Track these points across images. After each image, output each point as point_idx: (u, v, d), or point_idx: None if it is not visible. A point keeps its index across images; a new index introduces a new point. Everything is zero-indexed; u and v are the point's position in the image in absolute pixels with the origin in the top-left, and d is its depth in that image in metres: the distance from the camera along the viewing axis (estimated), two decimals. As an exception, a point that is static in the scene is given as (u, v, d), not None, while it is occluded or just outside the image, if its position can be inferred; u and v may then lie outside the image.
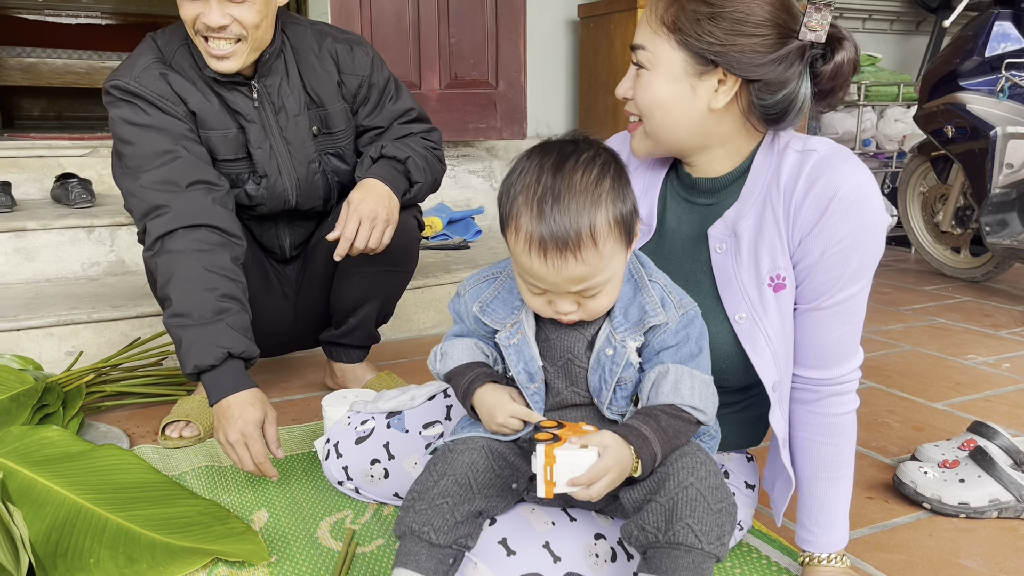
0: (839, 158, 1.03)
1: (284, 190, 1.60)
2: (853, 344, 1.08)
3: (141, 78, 1.46)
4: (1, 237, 2.26)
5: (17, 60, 5.28)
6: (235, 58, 1.45)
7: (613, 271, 0.95)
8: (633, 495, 0.96)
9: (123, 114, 1.45)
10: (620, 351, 0.98)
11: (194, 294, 1.36)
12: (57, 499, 1.33)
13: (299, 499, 1.41)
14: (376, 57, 1.67)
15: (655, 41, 1.03)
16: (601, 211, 0.91)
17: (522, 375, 1.02)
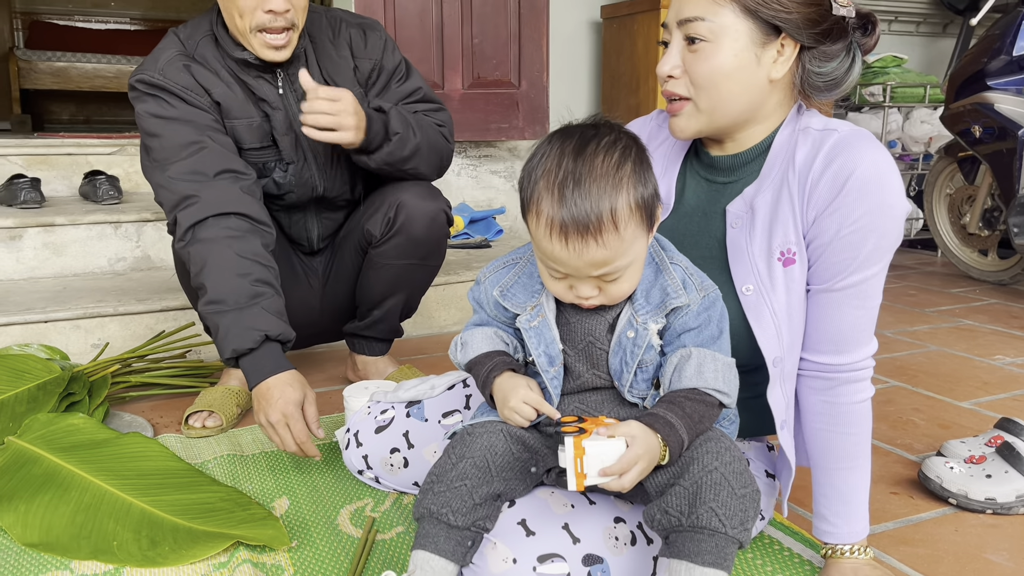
0: (859, 138, 1.03)
1: (311, 176, 1.61)
2: (867, 330, 1.06)
3: (165, 71, 1.48)
4: (31, 232, 2.30)
5: (47, 64, 5.38)
6: (288, 47, 1.49)
7: (634, 255, 0.95)
8: (657, 480, 0.96)
9: (149, 108, 1.47)
10: (642, 333, 0.97)
11: (228, 280, 1.38)
12: (82, 484, 1.34)
13: (320, 488, 1.41)
14: (388, 40, 1.68)
15: (716, 11, 1.02)
16: (622, 195, 0.91)
17: (542, 358, 1.02)
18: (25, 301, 2.07)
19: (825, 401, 1.08)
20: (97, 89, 5.47)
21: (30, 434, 1.47)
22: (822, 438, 1.09)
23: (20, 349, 1.77)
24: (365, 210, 1.71)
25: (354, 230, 1.73)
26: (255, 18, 1.45)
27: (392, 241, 1.65)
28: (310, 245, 1.78)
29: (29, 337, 1.96)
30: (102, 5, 6.33)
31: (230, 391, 1.73)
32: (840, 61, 1.07)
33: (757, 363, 1.08)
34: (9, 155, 2.63)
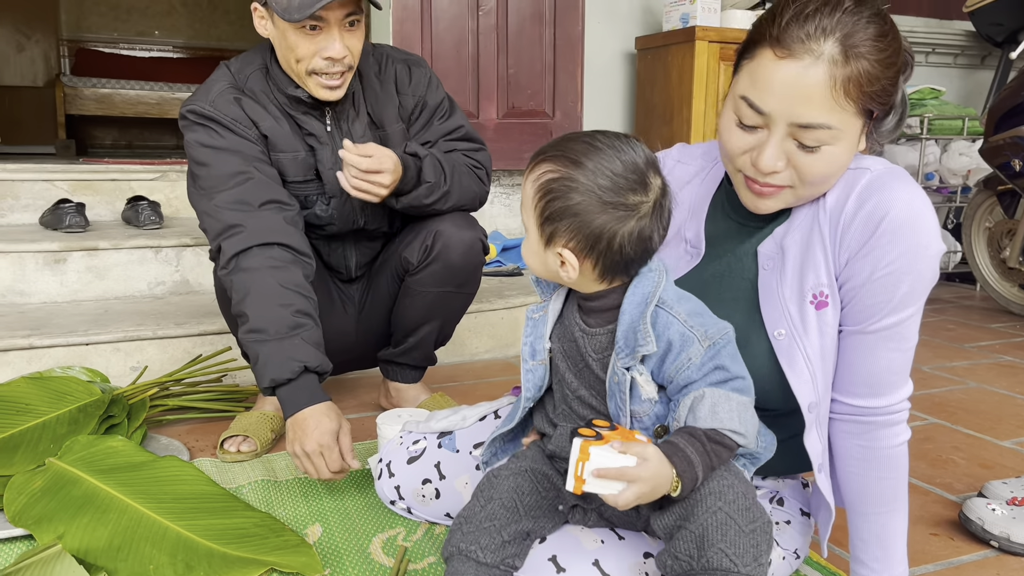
0: (892, 178, 1.00)
1: (352, 211, 1.64)
2: (902, 372, 1.04)
3: (216, 103, 1.52)
4: (75, 255, 2.35)
5: (92, 91, 5.52)
6: (343, 87, 1.54)
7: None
8: (664, 521, 0.94)
9: (198, 137, 1.51)
10: (623, 379, 0.96)
11: (270, 310, 1.40)
12: (120, 506, 1.36)
13: (352, 515, 1.42)
14: (433, 77, 1.72)
15: (839, 116, 0.95)
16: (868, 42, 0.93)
17: (526, 348, 1.05)
18: (68, 323, 2.11)
19: (861, 446, 1.06)
20: (140, 115, 5.61)
21: (70, 456, 1.50)
22: (858, 482, 1.07)
23: (62, 371, 1.81)
24: (402, 238, 1.73)
25: (391, 258, 1.75)
26: (312, 63, 1.49)
27: (429, 269, 1.67)
28: (348, 273, 1.80)
29: (71, 359, 2.01)
30: (146, 34, 6.51)
31: (265, 416, 1.75)
32: (894, 111, 1.04)
33: (791, 407, 1.05)
34: (55, 180, 2.70)
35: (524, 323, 1.07)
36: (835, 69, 0.93)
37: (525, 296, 2.55)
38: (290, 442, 1.39)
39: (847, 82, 0.93)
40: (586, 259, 0.95)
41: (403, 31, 2.85)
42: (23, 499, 1.38)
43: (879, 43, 0.94)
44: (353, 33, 1.51)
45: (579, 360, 1.02)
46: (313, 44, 1.47)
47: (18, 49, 5.84)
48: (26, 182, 2.68)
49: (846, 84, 0.93)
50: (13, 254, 2.31)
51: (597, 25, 3.34)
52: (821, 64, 0.93)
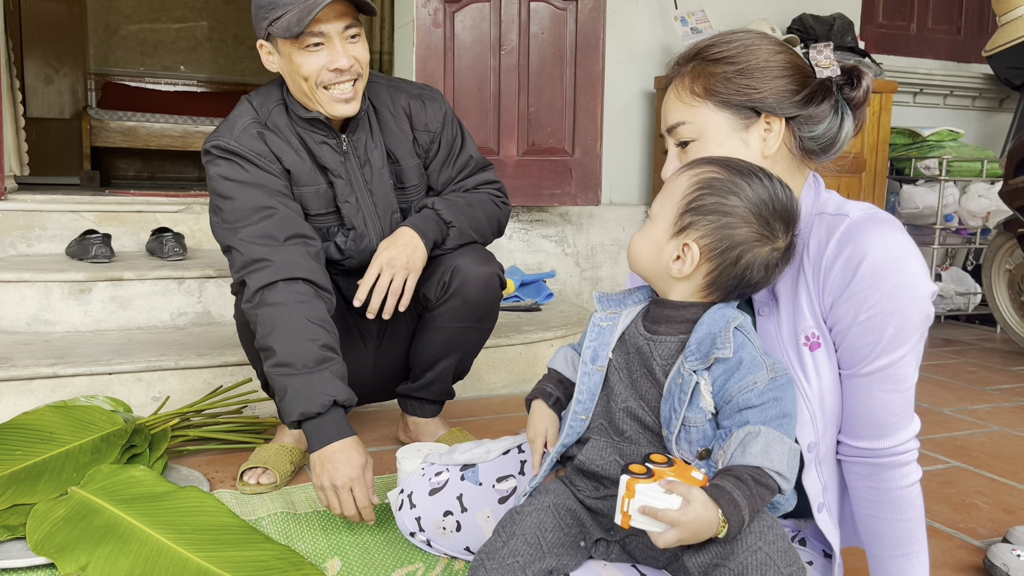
0: (870, 223, 1.02)
1: (370, 242, 1.66)
2: (903, 413, 1.04)
3: (240, 138, 1.55)
4: (100, 285, 2.38)
5: (118, 123, 5.62)
6: (355, 99, 1.56)
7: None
8: (699, 559, 0.94)
9: (223, 171, 1.53)
10: (687, 381, 0.98)
11: (297, 344, 1.42)
12: (141, 536, 1.37)
13: (371, 549, 1.42)
14: (448, 112, 1.75)
15: (693, 113, 1.09)
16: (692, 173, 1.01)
17: (588, 351, 1.08)
18: (91, 353, 2.14)
19: (871, 487, 1.06)
20: (164, 148, 5.69)
21: (93, 485, 1.51)
22: (872, 524, 1.07)
23: (86, 400, 1.82)
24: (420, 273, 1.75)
25: None
26: (320, 78, 1.52)
27: (447, 304, 1.68)
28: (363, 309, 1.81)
29: (94, 388, 2.02)
30: (172, 69, 6.63)
31: (284, 448, 1.75)
32: (830, 121, 1.10)
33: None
34: (82, 211, 2.75)
35: (588, 329, 1.10)
36: (685, 74, 1.11)
37: (543, 331, 2.55)
38: (317, 475, 1.40)
39: (692, 82, 1.10)
40: (707, 262, 1.01)
41: (426, 68, 2.90)
42: (46, 527, 1.39)
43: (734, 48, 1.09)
44: (356, 44, 1.54)
45: (639, 368, 1.04)
46: (318, 60, 1.51)
47: (47, 82, 5.97)
48: (54, 212, 2.72)
49: (691, 84, 1.09)
50: (40, 283, 2.34)
51: (617, 65, 3.39)
52: (677, 78, 1.13)
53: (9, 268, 2.39)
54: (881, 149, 3.40)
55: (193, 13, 6.58)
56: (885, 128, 3.39)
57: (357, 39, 1.53)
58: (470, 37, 2.95)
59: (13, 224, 2.65)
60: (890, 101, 3.41)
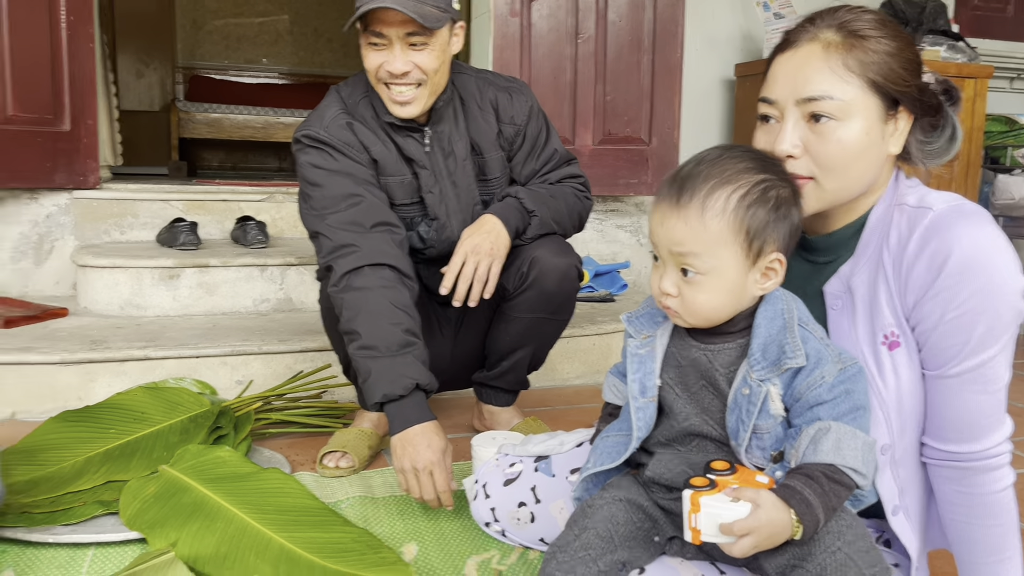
0: (956, 216, 0.97)
1: (451, 232, 1.67)
2: (995, 414, 0.99)
3: (329, 128, 1.58)
4: (188, 272, 2.47)
5: (204, 115, 5.80)
6: (416, 103, 1.56)
7: (717, 263, 0.95)
8: (777, 561, 0.92)
9: (312, 160, 1.57)
10: (756, 391, 0.95)
11: (381, 328, 1.44)
12: (227, 515, 1.41)
13: (447, 536, 1.43)
14: (534, 106, 1.74)
15: (843, 88, 0.98)
16: (730, 189, 0.94)
17: (635, 385, 1.04)
18: (180, 337, 2.22)
19: (960, 491, 1.01)
20: (246, 139, 5.86)
21: (182, 464, 1.57)
22: (962, 530, 1.02)
23: (175, 383, 1.89)
24: None
25: None
26: (379, 75, 1.54)
27: (524, 295, 1.69)
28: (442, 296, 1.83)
29: (182, 371, 2.10)
30: (254, 62, 6.81)
31: (363, 433, 1.79)
32: (943, 131, 1.06)
33: None
34: (171, 200, 2.85)
35: (628, 359, 1.06)
36: (832, 43, 0.99)
37: (617, 323, 2.53)
38: (398, 458, 1.42)
39: (845, 54, 0.98)
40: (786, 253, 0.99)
41: (503, 58, 2.90)
42: (137, 504, 1.45)
43: (878, 28, 1.00)
44: (420, 51, 1.53)
45: (698, 380, 1.01)
46: (377, 58, 1.52)
47: (138, 76, 6.20)
48: (145, 201, 2.83)
49: (844, 56, 0.98)
50: (132, 269, 2.44)
51: (696, 52, 3.32)
52: (818, 42, 1.00)
53: (104, 254, 2.49)
54: (975, 137, 3.24)
55: (275, 7, 6.75)
56: (980, 115, 3.23)
57: (422, 47, 1.52)
58: (547, 26, 2.93)
59: (108, 212, 2.76)
60: (985, 87, 3.25)
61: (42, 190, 2.67)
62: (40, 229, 2.70)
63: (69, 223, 2.73)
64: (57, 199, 2.70)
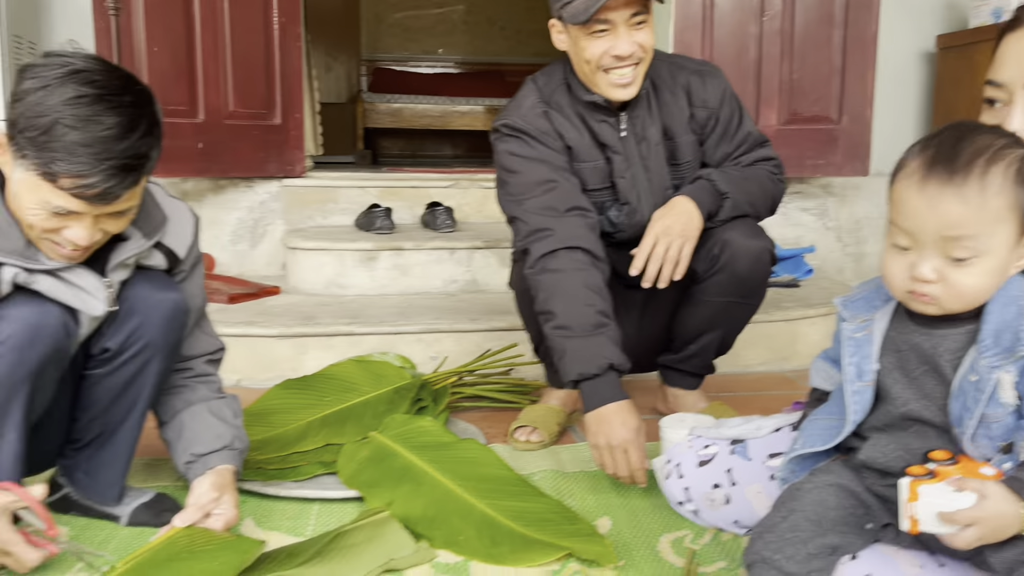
0: None
1: (642, 216, 1.70)
2: None
3: (527, 116, 1.65)
4: (384, 254, 2.64)
5: (386, 106, 6.11)
6: (635, 83, 1.60)
7: (995, 243, 0.90)
8: (1004, 555, 0.88)
9: (510, 148, 1.64)
10: (985, 379, 0.90)
11: (576, 308, 1.50)
12: (432, 481, 1.52)
13: (639, 512, 1.47)
14: (727, 89, 1.73)
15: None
16: (1004, 164, 0.89)
17: (851, 369, 1.01)
18: (379, 314, 2.38)
19: None
20: (424, 127, 6.12)
21: (389, 431, 1.70)
22: None
23: (380, 356, 2.04)
24: None
25: None
26: (602, 62, 1.57)
27: (715, 278, 1.68)
28: (629, 279, 1.86)
29: (381, 346, 2.26)
30: (431, 52, 7.08)
31: (551, 410, 1.85)
32: None
33: None
34: (367, 187, 3.05)
35: (842, 343, 1.04)
36: None
37: (803, 308, 2.47)
38: (593, 435, 1.47)
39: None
40: None
41: (684, 39, 2.87)
42: (353, 465, 1.59)
43: None
44: (640, 30, 1.57)
45: (919, 366, 0.98)
46: (601, 45, 1.55)
47: (327, 69, 6.60)
48: (343, 188, 3.04)
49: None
50: (335, 251, 2.64)
51: (892, 24, 3.13)
52: None
53: (309, 237, 2.71)
54: None
55: (451, -2, 6.97)
56: None
57: (643, 25, 1.57)
58: (730, 5, 2.87)
59: (312, 199, 3.00)
60: None
61: (256, 179, 2.94)
62: (255, 214, 2.97)
63: (279, 209, 2.98)
64: (269, 187, 2.96)
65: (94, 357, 1.30)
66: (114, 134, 1.04)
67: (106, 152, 1.04)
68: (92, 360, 1.30)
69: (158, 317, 1.29)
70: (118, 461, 1.38)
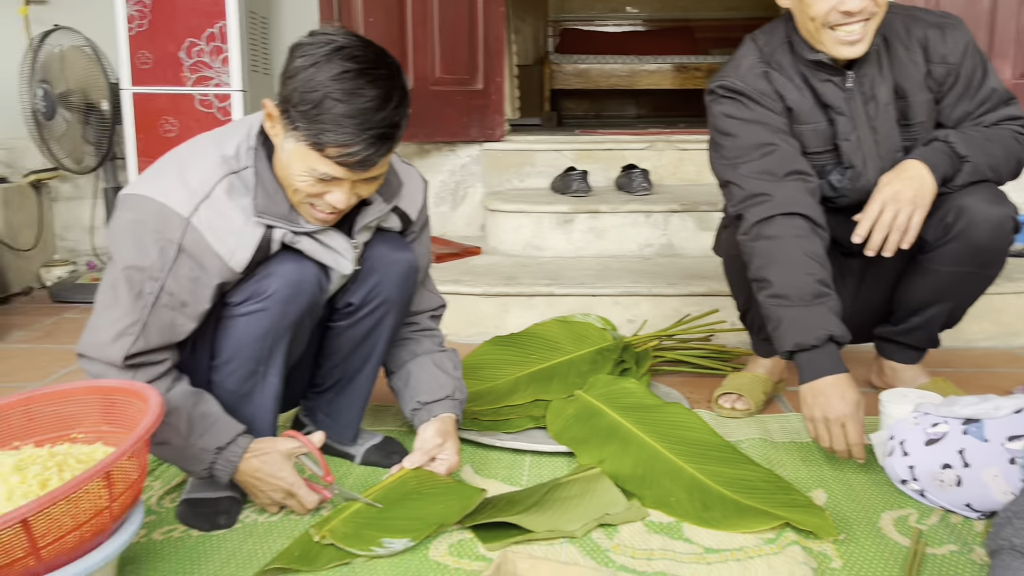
0: None
1: (867, 181, 1.61)
2: None
3: (745, 77, 1.60)
4: (580, 217, 2.68)
5: (573, 67, 6.11)
6: (864, 40, 1.52)
7: None
8: None
9: (726, 110, 1.61)
10: None
11: (794, 277, 1.46)
12: (638, 441, 1.55)
13: (856, 487, 1.43)
14: (970, 42, 1.59)
15: None
16: None
17: None
18: (576, 276, 2.43)
19: None
20: (611, 87, 6.07)
21: (594, 391, 1.74)
22: None
23: (582, 317, 2.08)
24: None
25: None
26: (829, 19, 1.49)
27: (947, 247, 1.58)
28: (849, 247, 1.77)
29: (579, 308, 2.30)
30: (618, 10, 6.98)
31: (758, 378, 1.82)
32: None
33: None
34: (562, 150, 3.09)
35: None
36: None
37: (1038, 281, 2.26)
38: (808, 407, 1.44)
39: None
40: None
41: (905, -12, 2.66)
42: (561, 421, 1.65)
43: None
44: None
45: None
46: (829, 1, 1.47)
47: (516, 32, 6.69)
48: (539, 151, 3.10)
49: None
50: (532, 214, 2.71)
51: None
52: None
53: (508, 200, 2.79)
54: None
55: (639, -48, 6.82)
56: None
57: None
58: (960, -54, 2.63)
59: (509, 162, 3.08)
60: None
61: (459, 143, 3.06)
62: (456, 177, 3.09)
63: (478, 172, 3.09)
64: (470, 151, 3.07)
65: (338, 311, 1.42)
66: (374, 105, 1.13)
67: (367, 123, 1.13)
68: (336, 313, 1.43)
69: (394, 275, 1.39)
70: (355, 405, 1.51)
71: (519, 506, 1.34)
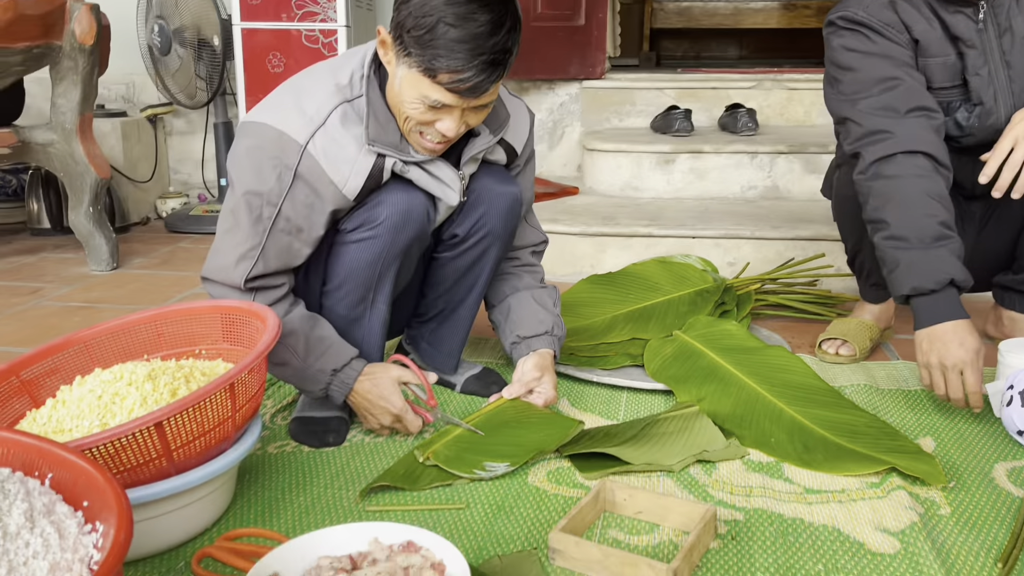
0: None
1: (997, 119, 1.52)
2: None
3: (869, 8, 1.52)
4: (681, 157, 2.62)
5: (675, 5, 5.92)
6: None
7: None
8: None
9: (846, 42, 1.53)
10: None
11: (914, 218, 1.41)
12: (737, 382, 1.53)
13: (967, 437, 1.38)
14: None
15: None
16: None
17: None
18: (676, 217, 2.39)
19: None
20: (715, 26, 5.86)
21: (693, 331, 1.73)
22: None
23: (682, 258, 2.06)
24: None
25: None
26: None
27: (1084, 191, 1.47)
28: (971, 189, 1.68)
29: (678, 249, 2.27)
30: (725, -57, 6.68)
31: (864, 324, 1.77)
32: None
33: None
34: (664, 88, 3.01)
35: None
36: None
37: None
38: (924, 353, 1.39)
39: None
40: None
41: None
42: (658, 361, 1.64)
43: None
44: None
45: None
46: None
47: (615, -31, 6.51)
48: (640, 90, 3.03)
49: None
50: (632, 154, 2.67)
51: None
52: None
53: (607, 139, 2.76)
54: None
55: None
56: None
57: None
58: None
59: (609, 100, 3.03)
60: None
61: (558, 80, 3.02)
62: (555, 116, 3.07)
63: (577, 111, 3.05)
64: (569, 88, 3.04)
65: (444, 242, 1.44)
66: (487, 31, 1.12)
67: (479, 48, 1.12)
68: (441, 244, 1.45)
69: (499, 208, 1.40)
70: (457, 335, 1.54)
71: (617, 439, 1.35)
